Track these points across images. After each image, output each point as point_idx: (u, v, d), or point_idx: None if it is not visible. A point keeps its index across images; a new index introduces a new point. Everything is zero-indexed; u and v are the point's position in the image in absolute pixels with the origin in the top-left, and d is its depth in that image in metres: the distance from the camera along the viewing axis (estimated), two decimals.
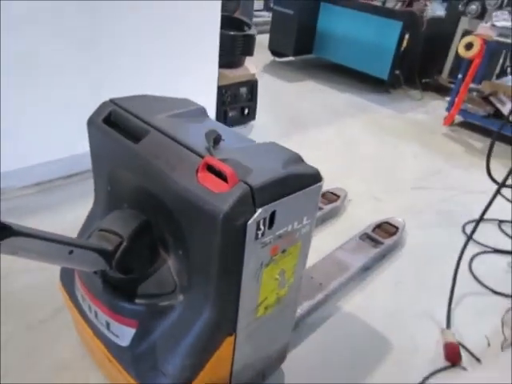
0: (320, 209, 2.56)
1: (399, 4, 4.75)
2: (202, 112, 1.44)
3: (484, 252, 2.57)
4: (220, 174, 1.03)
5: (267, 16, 7.07)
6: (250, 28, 3.35)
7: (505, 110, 4.00)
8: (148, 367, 1.22)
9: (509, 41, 3.65)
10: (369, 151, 3.70)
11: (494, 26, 3.72)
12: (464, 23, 4.98)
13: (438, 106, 4.86)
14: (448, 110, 4.28)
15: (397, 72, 4.90)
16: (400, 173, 3.43)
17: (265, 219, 1.07)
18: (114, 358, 1.30)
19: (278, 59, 5.71)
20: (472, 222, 2.79)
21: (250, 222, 1.03)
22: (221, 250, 1.06)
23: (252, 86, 3.59)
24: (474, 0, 4.70)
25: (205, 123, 1.37)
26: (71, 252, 0.99)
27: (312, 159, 1.26)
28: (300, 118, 4.18)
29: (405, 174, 3.40)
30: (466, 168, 3.58)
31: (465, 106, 4.16)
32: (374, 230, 2.51)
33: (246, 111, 3.70)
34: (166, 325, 1.21)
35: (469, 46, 3.85)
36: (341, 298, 2.12)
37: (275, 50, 5.59)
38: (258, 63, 5.63)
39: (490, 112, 4.07)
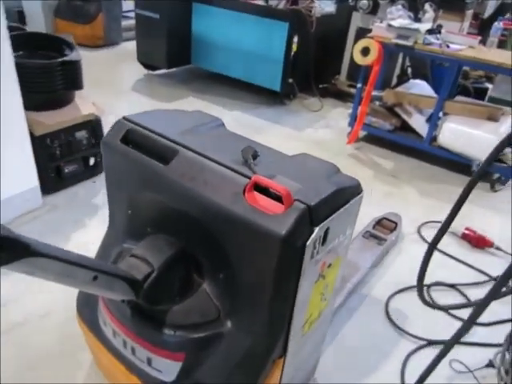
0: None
1: (283, 2, 4.01)
2: (220, 124, 1.41)
3: (420, 347, 1.91)
4: (269, 193, 1.01)
5: None
6: (71, 50, 2.34)
7: (412, 122, 3.45)
8: None
9: (409, 43, 3.06)
10: None
11: (390, 26, 3.10)
12: (356, 19, 4.41)
13: (339, 116, 4.24)
14: (350, 124, 3.64)
15: (290, 80, 4.19)
16: None
17: (320, 237, 1.05)
18: None
19: (152, 72, 4.72)
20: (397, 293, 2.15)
21: (308, 242, 1.00)
22: (277, 272, 1.01)
23: (94, 126, 2.61)
24: None
25: (230, 136, 1.36)
26: (95, 278, 0.92)
27: None
28: None
29: None
30: (380, 202, 2.95)
31: (368, 120, 3.55)
32: (374, 227, 2.53)
33: (93, 161, 2.71)
34: (215, 354, 1.15)
35: (365, 51, 3.21)
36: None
37: (146, 63, 4.59)
38: (128, 78, 4.64)
39: (396, 125, 3.51)
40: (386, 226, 2.55)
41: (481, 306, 1.10)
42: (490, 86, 4.34)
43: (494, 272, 2.36)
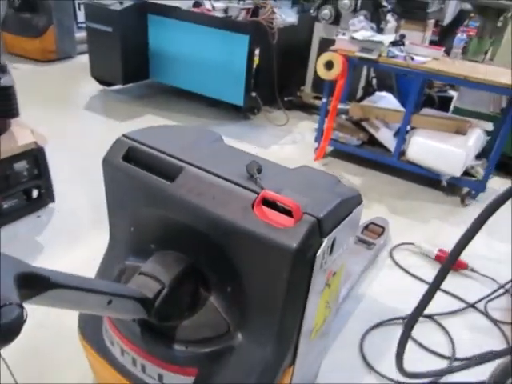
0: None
1: (243, 13, 3.85)
2: (218, 138, 1.44)
3: None
4: (276, 206, 1.03)
5: None
6: (4, 73, 2.09)
7: (380, 136, 3.35)
8: None
9: (373, 57, 2.95)
10: None
11: (353, 39, 2.99)
12: (319, 30, 4.29)
13: (306, 130, 4.10)
14: (317, 140, 3.51)
15: (253, 94, 4.02)
16: None
17: (328, 247, 1.08)
18: None
19: (107, 88, 4.46)
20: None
21: (318, 253, 1.03)
22: (288, 284, 1.03)
23: (35, 156, 2.35)
24: (325, 4, 4.01)
25: (230, 151, 1.38)
26: (110, 302, 0.93)
27: None
28: None
29: None
30: None
31: (335, 135, 3.43)
32: (362, 232, 2.54)
33: (36, 193, 2.45)
34: (226, 367, 1.16)
35: (329, 65, 3.08)
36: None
37: (100, 79, 4.32)
38: (82, 95, 4.35)
39: (364, 139, 3.39)
40: (373, 230, 2.58)
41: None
42: (454, 93, 4.32)
43: (470, 296, 2.25)
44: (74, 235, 2.37)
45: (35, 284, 0.75)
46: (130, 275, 1.20)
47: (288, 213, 1.01)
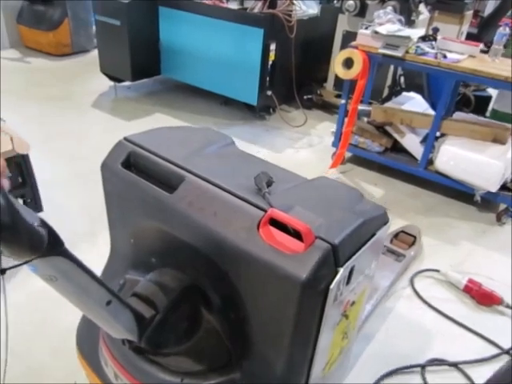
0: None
1: (259, 5, 3.54)
2: (230, 143, 1.32)
3: None
4: (286, 228, 0.91)
5: None
6: None
7: (405, 143, 3.00)
8: None
9: (399, 54, 2.60)
10: None
11: (377, 33, 2.64)
12: (343, 22, 3.96)
13: (325, 132, 3.78)
14: (335, 145, 3.19)
15: (269, 93, 3.73)
16: None
17: (345, 278, 0.95)
18: None
19: (118, 84, 4.26)
20: None
21: (332, 285, 0.90)
22: (297, 318, 0.92)
23: (18, 164, 2.16)
24: None
25: (242, 157, 1.27)
26: (109, 303, 0.88)
27: None
28: None
29: None
30: None
31: (355, 140, 3.10)
32: (391, 241, 2.35)
33: (21, 202, 2.26)
34: None
35: (348, 63, 2.75)
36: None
37: (110, 74, 4.13)
38: (91, 92, 4.17)
39: (386, 146, 3.05)
40: (403, 240, 2.38)
41: None
42: (493, 92, 3.88)
43: (503, 339, 1.91)
44: None
45: (53, 243, 0.72)
46: (129, 289, 1.09)
47: (299, 235, 0.88)
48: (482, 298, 2.09)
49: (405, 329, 1.96)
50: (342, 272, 0.91)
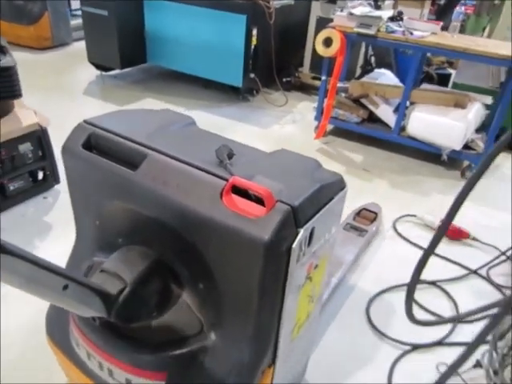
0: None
1: None
2: (191, 123, 1.35)
3: (405, 353, 1.81)
4: (248, 194, 0.94)
5: None
6: (4, 54, 2.09)
7: (379, 113, 3.36)
8: None
9: (372, 32, 2.95)
10: None
11: (351, 14, 2.98)
12: (316, 9, 4.28)
13: (305, 109, 4.12)
14: (317, 119, 3.52)
15: (252, 75, 4.01)
16: None
17: (306, 238, 0.99)
18: None
19: (105, 73, 4.44)
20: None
21: (294, 245, 0.94)
22: (262, 279, 0.95)
23: (38, 137, 2.36)
24: None
25: (203, 135, 1.29)
26: (66, 287, 0.84)
27: None
28: None
29: None
30: (353, 197, 2.83)
31: (335, 113, 3.44)
32: (354, 218, 2.48)
33: (41, 175, 2.47)
34: (199, 370, 1.08)
35: (328, 42, 3.08)
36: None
37: (98, 63, 4.31)
38: (80, 81, 4.34)
39: (363, 116, 3.41)
40: (366, 216, 2.51)
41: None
42: (453, 71, 4.33)
43: (472, 263, 2.30)
44: None
45: None
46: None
47: (260, 202, 0.92)
48: (453, 233, 2.47)
49: (390, 260, 2.32)
50: (302, 232, 0.95)
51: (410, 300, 1.12)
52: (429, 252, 1.08)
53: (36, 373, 1.59)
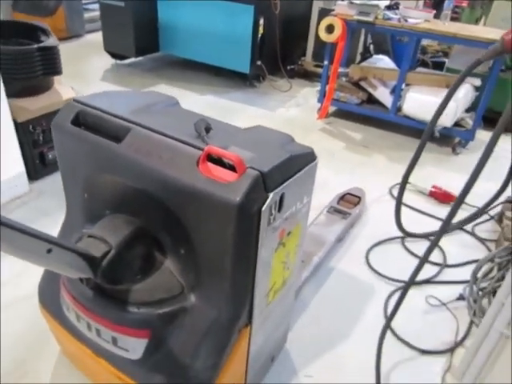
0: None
1: None
2: (175, 103, 1.41)
3: (399, 288, 2.11)
4: (223, 163, 1.01)
5: None
6: (48, 36, 2.38)
7: (377, 94, 3.65)
8: (166, 376, 1.16)
9: (370, 19, 3.24)
10: None
11: (352, 3, 3.27)
12: (318, 1, 4.56)
13: (308, 95, 4.41)
14: (320, 101, 3.82)
15: (259, 63, 4.30)
16: None
17: (276, 203, 1.06)
18: (124, 375, 1.24)
19: (120, 62, 4.72)
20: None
21: (263, 208, 1.01)
22: (235, 241, 1.02)
23: None
24: None
25: (184, 113, 1.35)
26: (50, 251, 0.90)
27: None
28: None
29: None
30: (353, 170, 3.13)
31: (337, 95, 3.73)
32: (338, 202, 2.58)
33: None
34: (180, 328, 1.16)
35: (330, 29, 3.37)
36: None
37: (113, 52, 4.59)
38: (96, 69, 4.62)
39: (363, 98, 3.70)
40: (349, 200, 2.61)
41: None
42: (446, 60, 4.61)
43: None
44: None
45: None
46: None
47: (234, 169, 0.99)
48: (443, 197, 2.77)
49: (387, 219, 2.60)
50: (272, 196, 1.02)
51: (398, 210, 1.43)
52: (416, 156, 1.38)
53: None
